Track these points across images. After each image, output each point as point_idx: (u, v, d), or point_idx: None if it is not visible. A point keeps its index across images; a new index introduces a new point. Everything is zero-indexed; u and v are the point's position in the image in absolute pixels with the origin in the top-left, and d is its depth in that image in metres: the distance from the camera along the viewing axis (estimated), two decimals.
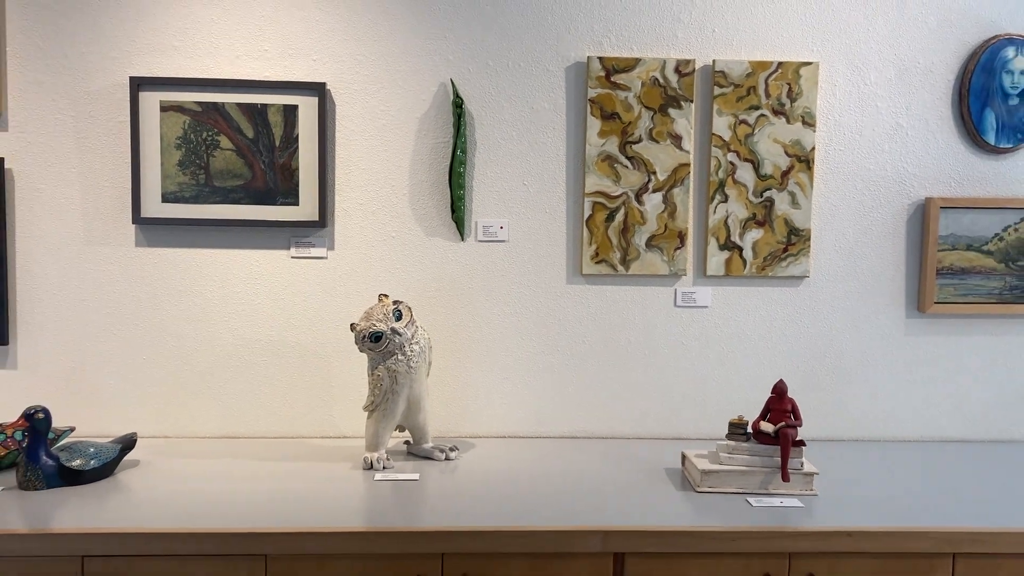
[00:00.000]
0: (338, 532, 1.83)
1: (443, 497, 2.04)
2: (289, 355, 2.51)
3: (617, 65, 2.48)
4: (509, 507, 1.98)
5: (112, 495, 2.02)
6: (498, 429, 2.57)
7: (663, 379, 2.58)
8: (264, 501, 1.99)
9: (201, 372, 2.50)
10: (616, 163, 2.50)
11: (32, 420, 2.02)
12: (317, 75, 2.45)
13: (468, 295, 2.53)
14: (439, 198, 2.51)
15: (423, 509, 1.97)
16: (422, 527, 1.85)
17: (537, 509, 1.97)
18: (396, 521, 1.88)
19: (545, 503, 2.01)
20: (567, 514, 1.94)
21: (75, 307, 2.45)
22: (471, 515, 1.92)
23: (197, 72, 2.42)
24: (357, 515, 1.93)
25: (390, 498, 2.04)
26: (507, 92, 2.49)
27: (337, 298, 2.51)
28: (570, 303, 2.55)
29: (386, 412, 2.26)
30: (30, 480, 2.01)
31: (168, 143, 2.41)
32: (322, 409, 2.54)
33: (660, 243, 2.53)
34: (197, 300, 2.48)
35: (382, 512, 1.95)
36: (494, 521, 1.88)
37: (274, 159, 2.44)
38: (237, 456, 2.34)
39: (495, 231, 2.52)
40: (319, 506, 1.97)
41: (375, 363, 2.24)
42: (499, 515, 1.92)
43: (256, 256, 2.49)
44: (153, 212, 2.42)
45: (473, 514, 1.93)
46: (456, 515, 1.92)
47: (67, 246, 2.44)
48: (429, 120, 2.49)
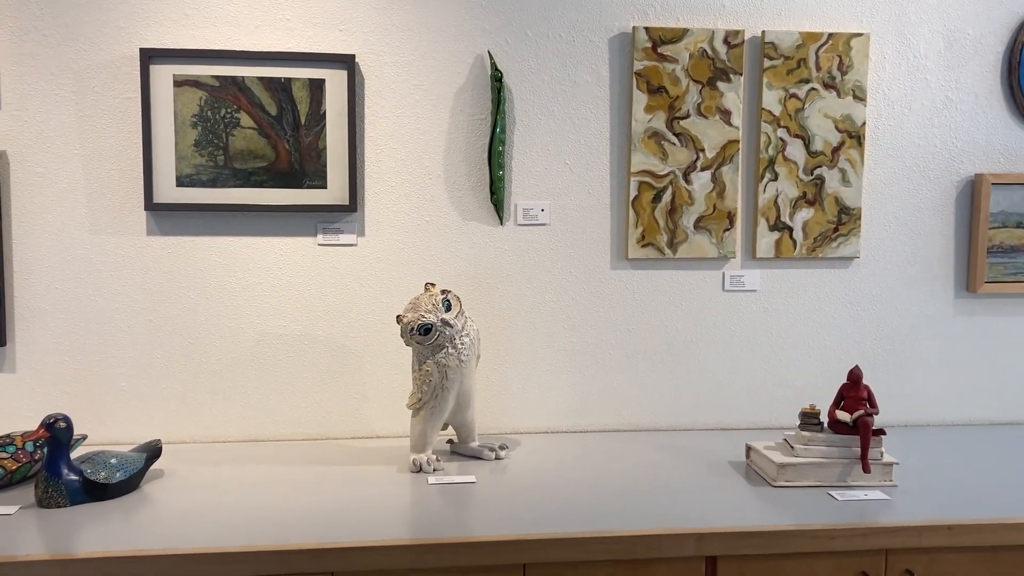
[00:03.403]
0: (411, 545, 1.67)
1: (505, 501, 1.89)
2: (317, 350, 2.33)
3: (664, 36, 2.34)
4: (581, 510, 1.84)
5: (141, 510, 1.83)
6: (540, 424, 2.42)
7: (711, 367, 2.46)
8: (312, 511, 1.81)
9: (221, 371, 2.30)
10: (663, 140, 2.37)
11: (53, 430, 1.81)
12: (344, 46, 2.26)
13: (507, 282, 2.37)
14: (476, 179, 2.34)
15: (489, 515, 1.81)
16: (500, 536, 1.70)
17: (613, 511, 1.83)
18: (462, 529, 1.73)
19: (617, 504, 1.87)
20: (646, 515, 1.81)
21: (81, 303, 2.23)
22: (544, 520, 1.77)
23: (214, 43, 2.21)
24: (420, 524, 1.77)
25: (449, 504, 1.88)
26: (547, 65, 2.33)
27: (368, 288, 2.33)
28: (615, 289, 2.41)
29: (434, 410, 2.09)
30: (52, 496, 1.80)
31: (183, 121, 2.20)
32: (353, 408, 2.36)
33: (709, 224, 2.41)
34: (216, 293, 2.28)
35: (446, 520, 1.79)
36: (573, 526, 1.74)
37: (299, 138, 2.24)
38: (267, 461, 2.15)
39: (535, 214, 2.36)
40: (375, 515, 1.80)
41: (423, 357, 2.07)
42: (574, 519, 1.78)
43: (280, 244, 2.29)
44: (167, 197, 2.21)
45: (546, 519, 1.78)
46: (528, 521, 1.77)
47: (71, 236, 2.21)
48: (465, 95, 2.31)
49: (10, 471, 1.90)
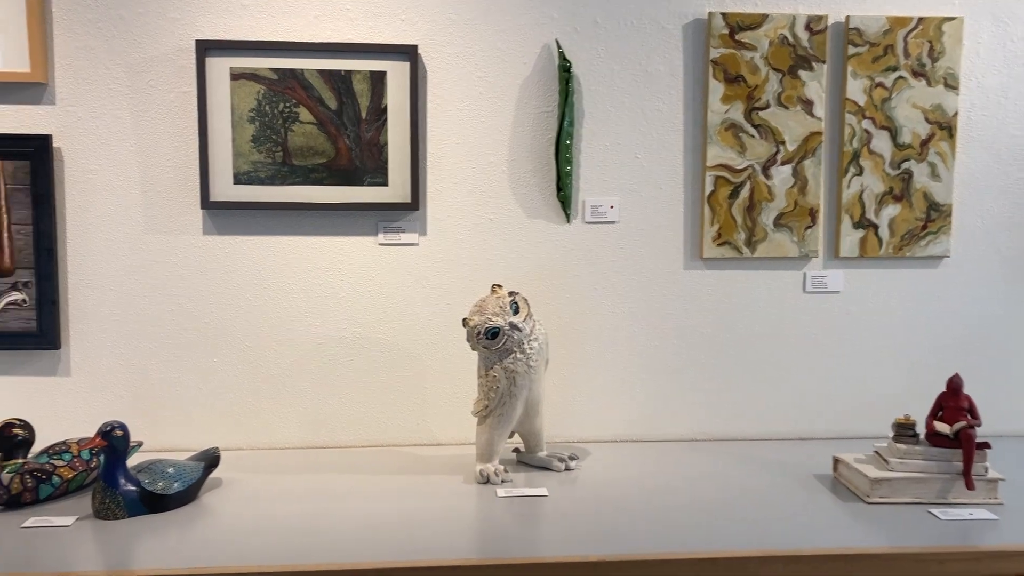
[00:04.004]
0: (482, 565, 1.56)
1: (579, 517, 1.78)
2: (377, 354, 2.23)
3: (742, 22, 2.20)
4: (659, 527, 1.71)
5: (199, 523, 1.74)
6: (609, 432, 2.31)
7: (791, 373, 2.32)
8: (376, 525, 1.72)
9: (278, 375, 2.21)
10: (741, 132, 2.23)
11: (109, 438, 1.73)
12: (406, 37, 2.16)
13: (574, 283, 2.26)
14: (542, 175, 2.23)
15: (563, 532, 1.70)
16: (577, 556, 1.58)
17: (693, 529, 1.71)
18: (537, 548, 1.62)
19: (697, 521, 1.75)
20: (728, 534, 1.68)
21: (135, 304, 2.16)
22: (621, 539, 1.66)
23: (271, 34, 2.13)
24: (490, 542, 1.66)
25: (520, 519, 1.77)
26: (618, 54, 2.21)
27: (430, 289, 2.23)
28: (688, 290, 2.28)
29: (502, 418, 1.98)
30: (109, 508, 1.73)
31: (240, 116, 2.11)
32: (414, 414, 2.26)
33: (789, 222, 2.27)
34: (274, 294, 2.19)
35: (518, 537, 1.68)
36: (652, 545, 1.62)
37: (360, 133, 2.15)
38: (325, 470, 2.06)
39: (604, 211, 2.25)
40: (442, 531, 1.70)
41: (490, 363, 1.97)
42: (653, 537, 1.66)
43: (340, 243, 2.20)
44: (224, 195, 2.13)
45: (623, 537, 1.66)
46: (604, 539, 1.65)
47: (126, 235, 2.14)
48: (531, 87, 2.20)
49: (66, 480, 1.84)
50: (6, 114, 2.09)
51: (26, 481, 1.78)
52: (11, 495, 1.77)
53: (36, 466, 1.81)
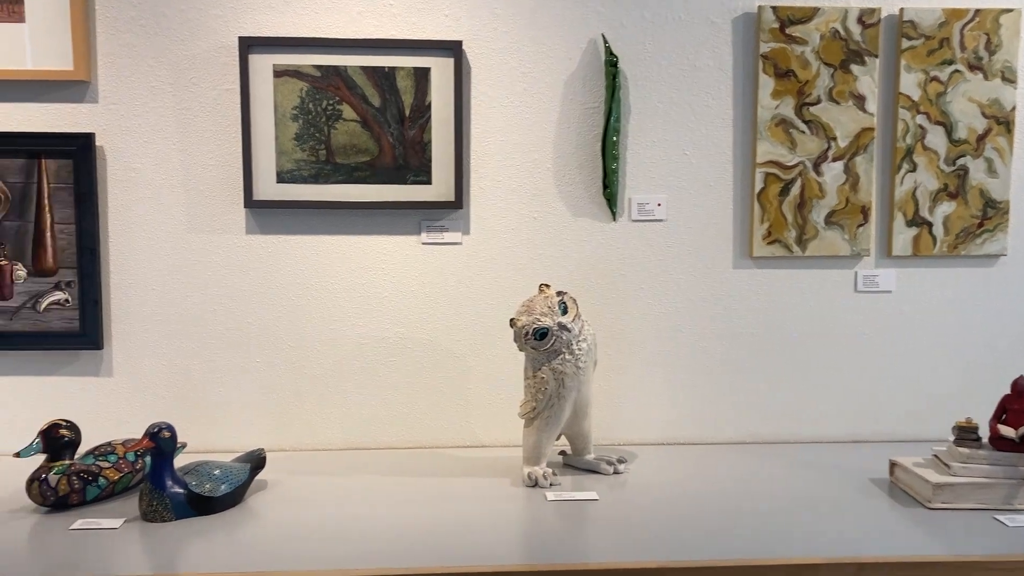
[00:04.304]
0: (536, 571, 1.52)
1: (632, 522, 1.73)
2: (420, 354, 2.20)
3: (793, 15, 2.15)
4: (715, 533, 1.67)
5: (246, 526, 1.71)
6: (656, 435, 2.26)
7: (842, 374, 2.27)
8: (424, 529, 1.68)
9: (321, 376, 2.19)
10: (792, 128, 2.18)
11: (157, 440, 1.71)
12: (450, 32, 2.13)
13: (620, 282, 2.21)
14: (587, 173, 2.19)
15: (616, 538, 1.65)
16: (636, 563, 1.54)
17: (750, 535, 1.66)
18: (591, 554, 1.57)
19: (754, 526, 1.70)
20: (788, 540, 1.63)
21: (178, 304, 2.14)
22: (678, 545, 1.61)
23: (314, 31, 2.10)
24: (543, 547, 1.62)
25: (571, 524, 1.73)
26: (665, 48, 2.17)
27: (473, 289, 2.20)
28: (737, 290, 2.24)
29: (550, 420, 1.94)
30: (157, 510, 1.71)
31: (283, 114, 2.09)
32: (457, 415, 2.23)
33: (841, 219, 2.21)
34: (316, 294, 2.17)
35: (571, 543, 1.64)
36: (710, 552, 1.57)
37: (403, 131, 2.12)
38: (369, 471, 2.03)
39: (651, 209, 2.20)
40: (496, 534, 1.67)
41: (537, 364, 1.93)
42: (710, 543, 1.62)
43: (382, 243, 2.17)
44: (267, 194, 2.10)
45: (679, 543, 1.62)
46: (660, 545, 1.61)
47: (168, 234, 2.12)
48: (576, 83, 2.16)
49: (112, 481, 1.82)
50: (49, 112, 2.07)
51: (73, 482, 1.76)
52: (58, 496, 1.75)
53: (82, 467, 1.79)
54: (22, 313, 2.09)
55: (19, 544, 1.63)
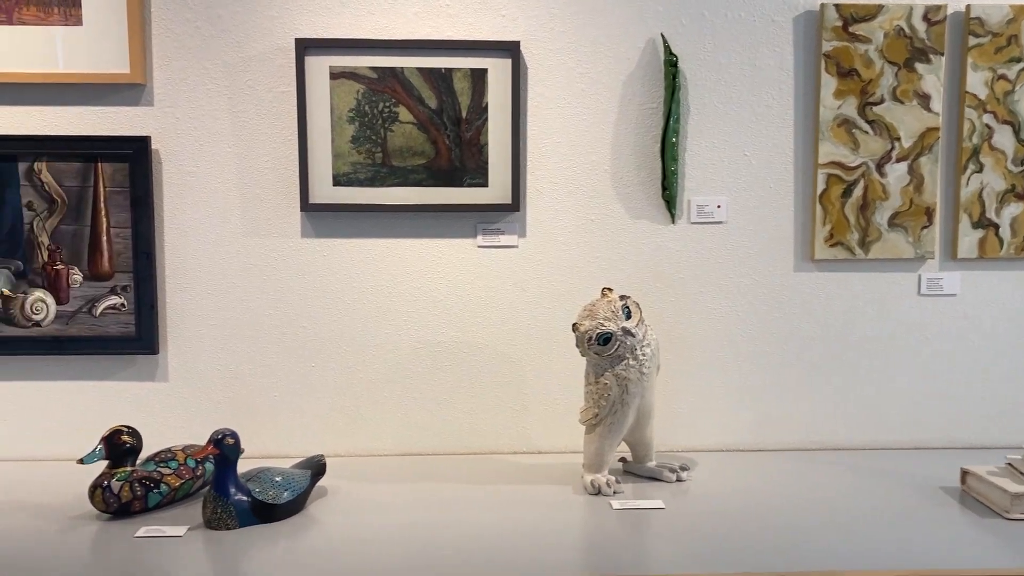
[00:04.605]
0: None
1: (701, 531, 1.70)
2: (476, 359, 2.17)
3: (856, 13, 2.10)
4: (786, 544, 1.63)
5: (309, 534, 1.69)
6: (715, 441, 2.22)
7: (906, 380, 2.22)
8: (491, 537, 1.66)
9: (377, 380, 2.16)
10: (854, 128, 2.14)
11: (221, 446, 1.69)
12: (507, 33, 2.10)
13: (679, 286, 2.18)
14: (646, 174, 2.15)
15: (687, 548, 1.62)
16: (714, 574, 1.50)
17: (823, 545, 1.62)
18: (665, 565, 1.55)
19: (827, 537, 1.66)
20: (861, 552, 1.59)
21: (233, 308, 2.12)
22: (750, 556, 1.58)
23: (370, 32, 2.07)
24: (615, 555, 1.59)
25: (640, 533, 1.70)
26: (725, 48, 2.13)
27: (529, 293, 2.16)
28: (798, 293, 2.19)
29: (613, 426, 1.91)
30: (221, 518, 1.69)
31: (339, 116, 2.07)
32: (514, 421, 2.20)
33: (904, 222, 2.17)
34: (371, 298, 2.14)
35: (644, 552, 1.62)
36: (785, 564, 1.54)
37: (460, 133, 2.09)
38: (427, 478, 2.01)
39: (711, 211, 2.16)
40: (563, 544, 1.64)
41: (600, 369, 1.90)
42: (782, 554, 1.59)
43: (439, 246, 2.14)
44: (323, 197, 2.08)
45: (752, 554, 1.59)
46: (732, 556, 1.58)
47: (223, 238, 2.11)
48: (635, 83, 2.13)
49: (173, 488, 1.80)
50: (104, 116, 2.06)
51: (135, 489, 1.75)
52: (121, 503, 1.73)
53: (144, 474, 1.77)
54: (78, 318, 2.08)
55: (85, 552, 1.62)
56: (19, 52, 2.01)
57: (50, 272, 2.07)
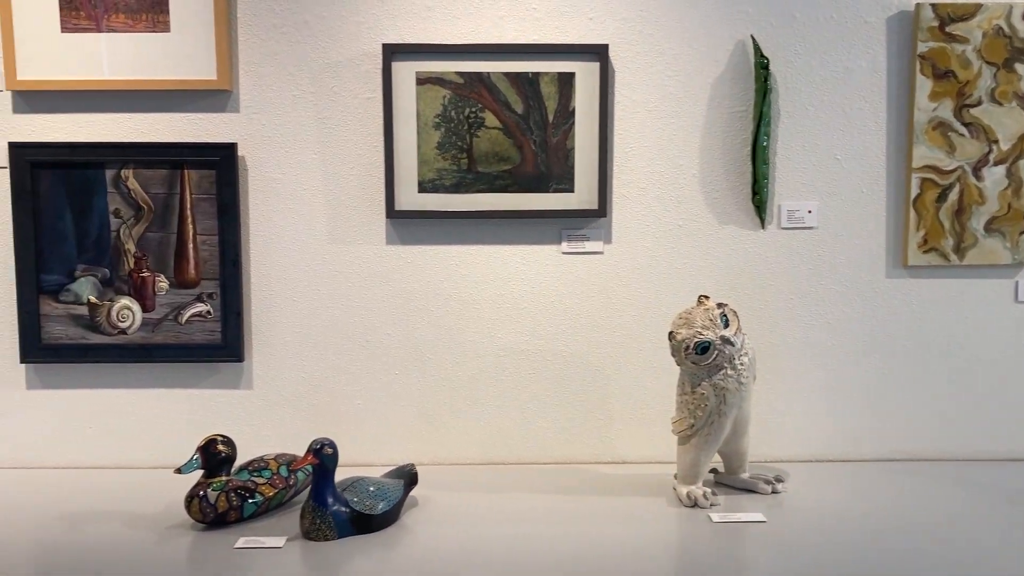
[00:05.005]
0: None
1: (810, 545, 1.66)
2: (559, 367, 2.14)
3: (953, 13, 2.05)
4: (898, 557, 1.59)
5: (406, 546, 1.67)
6: (805, 451, 2.17)
7: (1002, 389, 2.16)
8: (594, 550, 1.63)
9: (459, 388, 2.14)
10: (950, 131, 2.08)
11: (321, 456, 1.67)
12: (594, 36, 2.06)
13: (768, 293, 2.13)
14: (735, 178, 2.11)
15: (801, 562, 1.58)
16: None
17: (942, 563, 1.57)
18: None
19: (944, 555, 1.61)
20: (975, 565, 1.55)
21: (318, 316, 2.11)
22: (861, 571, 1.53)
23: (456, 37, 2.05)
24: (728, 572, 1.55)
25: (748, 547, 1.66)
26: (816, 50, 2.08)
27: (615, 300, 2.13)
28: (891, 300, 2.14)
29: (709, 437, 1.87)
30: (320, 529, 1.67)
31: (425, 122, 2.04)
32: (598, 430, 2.16)
33: (1002, 226, 2.11)
34: (455, 305, 2.12)
35: (756, 568, 1.57)
36: None
37: (546, 138, 2.06)
38: (515, 488, 1.98)
39: (801, 216, 2.12)
40: (667, 558, 1.62)
41: (697, 379, 1.86)
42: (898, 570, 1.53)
43: (523, 252, 2.12)
44: (409, 204, 2.06)
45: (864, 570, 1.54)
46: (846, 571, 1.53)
47: (309, 245, 2.09)
48: (724, 85, 2.09)
49: (268, 497, 1.79)
50: (191, 122, 2.06)
51: (231, 499, 1.73)
52: (218, 513, 1.72)
53: (239, 484, 1.76)
54: (164, 325, 2.07)
55: (185, 562, 1.61)
56: (107, 59, 2.01)
57: (136, 279, 2.06)
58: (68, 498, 1.92)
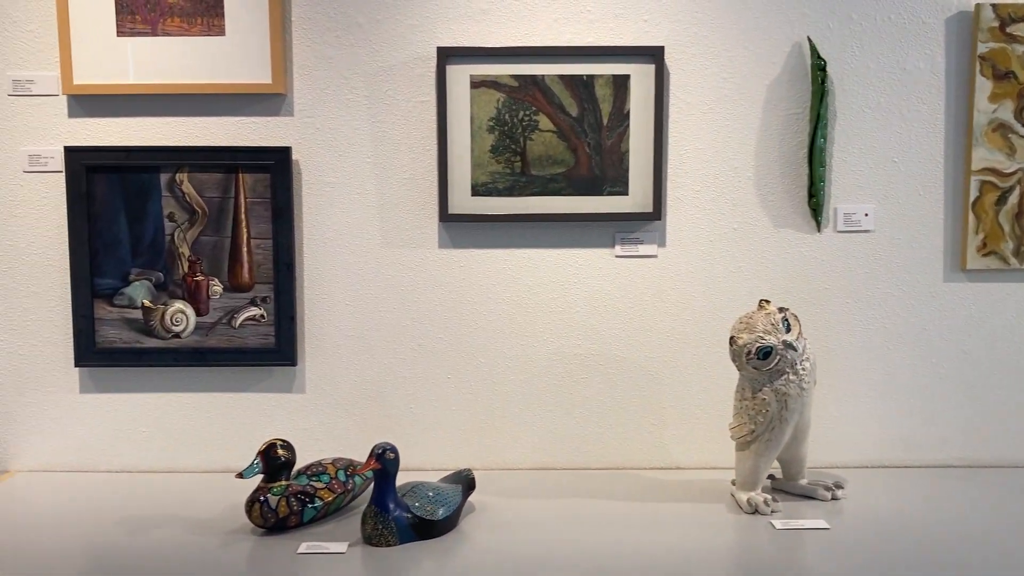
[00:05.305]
0: None
1: (878, 553, 1.64)
2: (612, 372, 2.12)
3: (1014, 13, 2.02)
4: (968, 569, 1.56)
5: (466, 552, 1.66)
6: (860, 457, 2.15)
7: None
8: (659, 557, 1.61)
9: (512, 392, 2.13)
10: (1011, 133, 2.06)
11: (383, 461, 1.66)
12: (649, 38, 2.05)
13: (824, 297, 2.11)
14: (790, 181, 2.09)
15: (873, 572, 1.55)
16: None
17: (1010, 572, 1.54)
18: None
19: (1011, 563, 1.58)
20: None
21: (370, 319, 2.10)
22: None
23: (511, 40, 2.04)
24: None
25: (818, 556, 1.63)
26: (873, 51, 2.06)
27: (668, 304, 2.11)
28: (948, 305, 2.11)
29: (770, 443, 1.85)
30: (382, 534, 1.66)
31: (479, 125, 2.04)
32: (652, 435, 2.15)
33: None
34: (507, 309, 2.11)
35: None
36: None
37: (601, 140, 2.05)
38: (572, 493, 1.97)
39: (858, 219, 2.09)
40: (735, 567, 1.59)
41: (758, 384, 1.83)
42: None
43: (576, 256, 2.10)
44: (462, 207, 2.05)
45: None
46: None
47: (362, 249, 2.09)
48: (780, 87, 2.07)
49: (327, 502, 1.78)
50: (245, 126, 2.06)
51: (292, 504, 1.73)
52: (279, 518, 1.72)
53: (299, 488, 1.75)
54: (218, 329, 2.07)
55: (248, 568, 1.60)
56: (162, 63, 2.01)
57: (190, 283, 2.06)
58: (125, 502, 1.92)
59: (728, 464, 2.04)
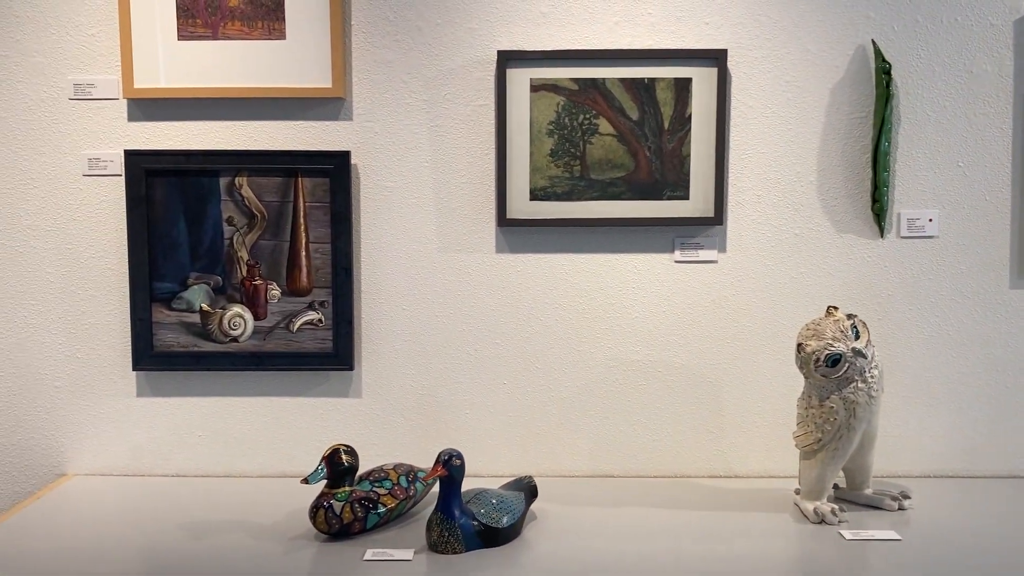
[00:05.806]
0: None
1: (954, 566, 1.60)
2: (671, 378, 2.10)
3: None
4: None
5: (531, 560, 1.64)
6: (922, 466, 2.11)
7: None
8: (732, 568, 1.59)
9: (569, 399, 2.11)
10: None
11: (450, 467, 1.65)
12: (711, 41, 2.03)
13: (886, 304, 2.07)
14: (853, 186, 2.06)
15: None
16: None
17: None
18: None
19: None
20: None
21: (427, 325, 2.09)
22: None
23: (571, 43, 2.03)
24: None
25: (893, 568, 1.60)
26: (939, 54, 2.02)
27: (728, 310, 2.09)
28: (1014, 312, 2.07)
29: (837, 452, 1.82)
30: (448, 542, 1.64)
31: (539, 129, 2.02)
32: (710, 443, 2.12)
33: None
34: (565, 314, 2.09)
35: None
36: None
37: (661, 144, 2.03)
38: (631, 502, 1.95)
39: (922, 225, 2.06)
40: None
41: (825, 392, 1.81)
42: None
43: (635, 261, 2.08)
44: (520, 212, 2.04)
45: None
46: None
47: (419, 254, 2.08)
48: (843, 91, 2.04)
49: (390, 508, 1.77)
50: (304, 130, 2.05)
51: (356, 510, 1.72)
52: (343, 524, 1.71)
53: (363, 494, 1.74)
54: (275, 333, 2.07)
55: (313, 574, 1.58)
56: (223, 67, 2.01)
57: (248, 287, 2.06)
58: (184, 506, 1.92)
59: (786, 473, 2.01)
